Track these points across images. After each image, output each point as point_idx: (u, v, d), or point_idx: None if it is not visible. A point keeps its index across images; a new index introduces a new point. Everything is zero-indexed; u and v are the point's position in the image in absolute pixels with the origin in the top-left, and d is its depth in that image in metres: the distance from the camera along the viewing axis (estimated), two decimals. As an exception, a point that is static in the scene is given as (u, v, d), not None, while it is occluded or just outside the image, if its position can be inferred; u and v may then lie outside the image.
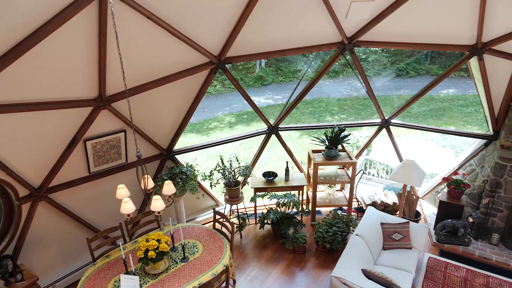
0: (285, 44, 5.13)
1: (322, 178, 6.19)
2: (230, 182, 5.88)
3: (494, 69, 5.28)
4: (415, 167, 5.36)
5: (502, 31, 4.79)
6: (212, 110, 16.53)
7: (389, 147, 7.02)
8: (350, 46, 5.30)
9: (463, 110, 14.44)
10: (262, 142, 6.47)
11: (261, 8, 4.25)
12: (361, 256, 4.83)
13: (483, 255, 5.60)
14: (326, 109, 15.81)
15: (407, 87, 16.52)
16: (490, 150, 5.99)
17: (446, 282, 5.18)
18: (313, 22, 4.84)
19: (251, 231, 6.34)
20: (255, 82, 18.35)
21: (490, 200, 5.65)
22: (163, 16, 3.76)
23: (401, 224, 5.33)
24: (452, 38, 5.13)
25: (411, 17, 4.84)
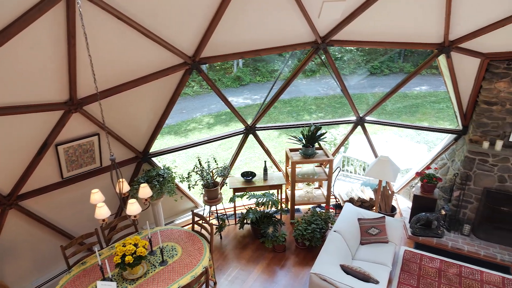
0: (259, 44, 5.15)
1: (300, 177, 6.25)
2: (208, 183, 5.85)
3: (461, 66, 5.47)
4: (389, 163, 5.49)
5: (467, 29, 4.97)
6: (190, 112, 16.40)
7: (365, 144, 7.17)
8: (324, 45, 5.38)
9: (435, 106, 14.90)
10: (240, 142, 6.47)
11: (234, 8, 4.25)
12: (340, 252, 4.91)
13: (456, 245, 5.80)
14: (304, 108, 15.97)
15: (382, 85, 16.91)
16: (460, 145, 6.21)
17: (421, 274, 5.34)
18: (287, 21, 4.88)
19: (231, 231, 6.33)
20: (233, 82, 18.33)
21: (461, 193, 5.86)
22: (134, 16, 3.70)
23: (378, 219, 5.45)
24: (421, 36, 5.28)
25: (381, 17, 4.95)
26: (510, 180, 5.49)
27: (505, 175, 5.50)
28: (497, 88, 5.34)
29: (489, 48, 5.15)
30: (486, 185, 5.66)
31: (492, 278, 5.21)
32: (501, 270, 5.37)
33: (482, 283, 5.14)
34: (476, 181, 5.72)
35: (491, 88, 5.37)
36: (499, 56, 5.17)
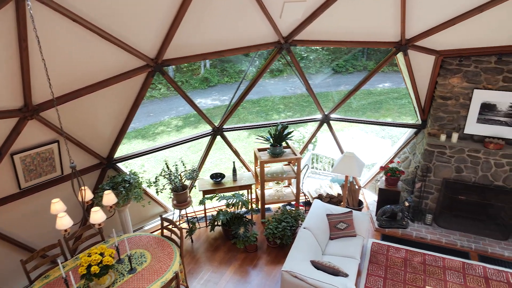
0: (223, 45, 5.13)
1: (269, 176, 6.30)
2: (177, 187, 5.77)
3: (418, 64, 5.72)
4: (354, 158, 5.65)
5: (422, 28, 5.20)
6: (158, 114, 16.10)
7: (333, 141, 7.33)
8: (287, 45, 5.45)
9: (398, 102, 15.48)
10: (208, 144, 6.43)
11: (195, 9, 4.22)
12: (310, 248, 4.99)
13: (420, 235, 6.05)
14: (273, 108, 16.10)
15: (347, 83, 17.35)
16: (420, 138, 6.49)
17: (388, 264, 5.53)
18: (249, 22, 4.90)
19: (202, 234, 6.27)
20: (201, 83, 18.18)
21: (422, 184, 6.13)
22: (90, 18, 3.58)
23: (345, 214, 5.59)
24: (380, 35, 5.47)
25: (341, 17, 5.08)
26: (466, 170, 5.80)
27: (461, 166, 5.81)
28: (451, 84, 5.62)
29: (442, 46, 5.42)
30: (445, 176, 5.95)
31: (453, 264, 5.49)
32: (461, 255, 5.66)
33: (445, 269, 5.40)
34: (435, 173, 6.00)
35: (445, 83, 5.65)
36: (452, 53, 5.45)
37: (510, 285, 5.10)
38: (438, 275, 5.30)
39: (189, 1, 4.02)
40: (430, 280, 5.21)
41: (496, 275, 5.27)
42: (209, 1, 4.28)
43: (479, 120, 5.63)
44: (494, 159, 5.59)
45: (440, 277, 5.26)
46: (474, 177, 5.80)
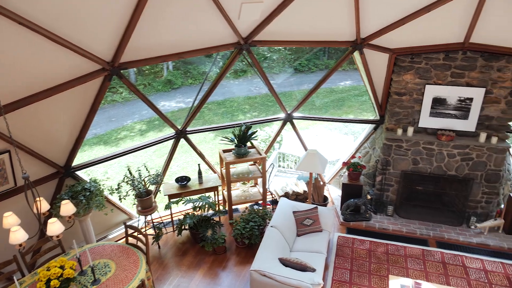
0: (182, 47, 5.08)
1: (235, 176, 6.30)
2: (140, 192, 5.64)
3: (374, 61, 5.95)
4: (317, 155, 5.78)
5: (376, 27, 5.42)
6: (120, 119, 15.64)
7: (297, 139, 7.45)
8: (246, 46, 5.48)
9: (359, 99, 16.00)
10: (171, 147, 6.32)
11: (151, 10, 4.14)
12: (278, 246, 5.05)
13: (382, 226, 6.30)
14: (238, 108, 16.11)
15: (310, 82, 17.70)
16: (378, 133, 6.76)
17: (354, 256, 5.71)
18: (208, 23, 4.88)
19: (170, 239, 6.17)
20: (164, 86, 17.86)
21: (383, 177, 6.38)
22: (39, 21, 3.41)
23: (311, 210, 5.71)
24: (336, 35, 5.63)
25: (298, 17, 5.18)
26: (422, 162, 6.11)
27: (417, 158, 6.10)
28: (404, 80, 5.90)
29: (395, 44, 5.67)
30: (403, 168, 6.23)
31: (414, 252, 5.76)
32: (421, 243, 5.95)
33: (406, 257, 5.65)
34: (394, 165, 6.26)
35: (399, 80, 5.91)
36: (404, 51, 5.71)
37: (465, 268, 5.42)
38: (400, 263, 5.53)
39: (144, 3, 3.94)
40: (393, 268, 5.44)
41: (453, 259, 5.58)
42: (165, 3, 4.22)
43: (432, 114, 5.94)
44: (447, 150, 5.92)
45: (402, 265, 5.50)
46: (429, 168, 6.11)
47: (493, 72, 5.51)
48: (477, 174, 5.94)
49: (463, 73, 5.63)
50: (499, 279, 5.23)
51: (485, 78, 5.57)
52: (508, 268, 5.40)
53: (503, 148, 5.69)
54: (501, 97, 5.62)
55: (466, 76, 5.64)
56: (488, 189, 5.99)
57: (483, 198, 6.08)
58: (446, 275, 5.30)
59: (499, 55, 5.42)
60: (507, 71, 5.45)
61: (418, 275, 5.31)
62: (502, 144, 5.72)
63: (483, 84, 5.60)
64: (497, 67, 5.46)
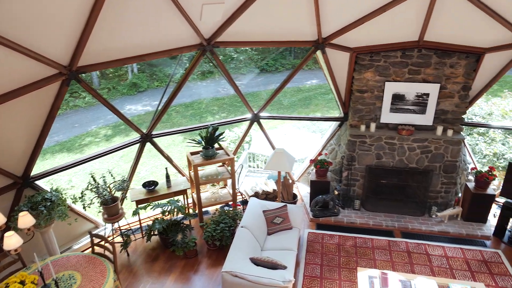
0: (144, 49, 4.97)
1: (204, 179, 6.26)
2: (106, 199, 5.47)
3: (335, 60, 6.11)
4: (284, 154, 5.85)
5: (336, 27, 5.56)
6: (84, 125, 15.11)
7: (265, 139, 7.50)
8: (210, 47, 5.46)
9: (325, 97, 16.34)
10: (137, 152, 6.18)
11: (109, 13, 4.03)
12: (249, 246, 5.06)
13: (350, 220, 6.47)
14: (207, 110, 16.01)
15: (277, 82, 17.89)
16: (343, 130, 6.94)
17: (324, 251, 5.83)
18: (170, 25, 4.81)
19: (139, 246, 6.03)
20: (130, 89, 17.44)
21: (349, 173, 6.56)
22: (-15, 25, 3.24)
23: (280, 208, 5.77)
24: (298, 35, 5.73)
25: (260, 17, 5.22)
26: (385, 156, 6.33)
27: (380, 152, 6.32)
28: (365, 78, 6.09)
29: (355, 43, 5.85)
30: (368, 163, 6.43)
31: (380, 243, 5.96)
32: (386, 234, 6.17)
33: (373, 249, 5.84)
34: (359, 161, 6.45)
35: (361, 78, 6.10)
36: (364, 50, 5.90)
37: (428, 255, 5.68)
38: (368, 255, 5.71)
39: (101, 4, 3.83)
40: (361, 261, 5.60)
41: (417, 248, 5.83)
42: (124, 5, 4.12)
43: (392, 109, 6.18)
44: (407, 144, 6.17)
45: (370, 257, 5.68)
46: (392, 162, 6.35)
47: (446, 69, 5.80)
48: (436, 165, 6.23)
49: (419, 70, 5.90)
50: (459, 264, 5.52)
51: (439, 74, 5.86)
52: (467, 253, 5.71)
53: (458, 140, 6.01)
54: (455, 92, 5.94)
55: (422, 72, 5.90)
56: (446, 179, 6.30)
57: (442, 188, 6.39)
58: (411, 264, 5.52)
59: (451, 52, 5.72)
60: (459, 67, 5.76)
61: (385, 265, 5.50)
62: (457, 136, 6.04)
63: (437, 80, 5.89)
64: (449, 64, 5.76)
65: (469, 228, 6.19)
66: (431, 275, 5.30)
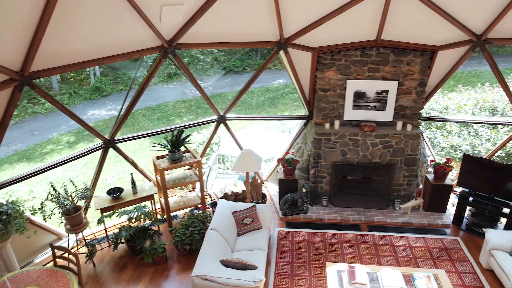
0: (102, 52, 4.82)
1: (172, 183, 6.16)
2: (68, 209, 5.26)
3: (298, 60, 6.20)
4: (251, 154, 5.86)
5: (297, 27, 5.64)
6: (45, 132, 14.46)
7: (239, 140, 7.47)
8: (171, 49, 5.37)
9: (292, 97, 16.54)
10: (100, 158, 5.99)
11: (62, 14, 3.87)
12: (218, 248, 5.03)
13: (319, 216, 6.59)
14: (174, 113, 15.77)
15: (245, 82, 17.90)
16: (309, 128, 7.06)
17: (294, 249, 5.90)
18: (128, 27, 4.69)
19: (106, 255, 5.84)
20: (93, 94, 16.87)
21: (316, 170, 6.68)
22: None
23: (249, 209, 5.78)
24: (261, 35, 5.76)
25: (222, 18, 5.19)
26: (350, 153, 6.50)
27: (345, 149, 6.49)
28: (328, 77, 6.23)
29: (316, 43, 5.96)
30: (333, 160, 6.58)
31: (348, 237, 6.11)
32: (354, 229, 6.34)
33: (342, 243, 5.98)
34: (325, 158, 6.59)
35: (323, 77, 6.23)
36: (325, 49, 6.03)
37: (393, 246, 5.89)
38: (337, 250, 5.84)
39: (53, 5, 3.67)
40: (330, 256, 5.72)
41: (382, 240, 6.03)
42: (78, 6, 3.97)
43: (354, 107, 6.36)
44: (370, 140, 6.37)
45: (339, 251, 5.81)
46: (356, 158, 6.53)
47: (403, 66, 6.04)
48: (397, 159, 6.48)
49: (378, 68, 6.10)
50: (422, 253, 5.76)
51: (397, 71, 6.09)
52: (429, 242, 5.98)
53: (417, 134, 6.28)
54: (412, 88, 6.19)
55: (381, 70, 6.11)
56: (408, 172, 6.57)
57: (404, 181, 6.65)
58: (377, 256, 5.71)
59: (407, 50, 5.96)
60: (415, 65, 6.01)
61: (353, 259, 5.65)
62: (416, 131, 6.31)
63: (395, 77, 6.13)
64: (406, 61, 6.01)
65: (430, 218, 6.48)
66: (397, 265, 5.50)
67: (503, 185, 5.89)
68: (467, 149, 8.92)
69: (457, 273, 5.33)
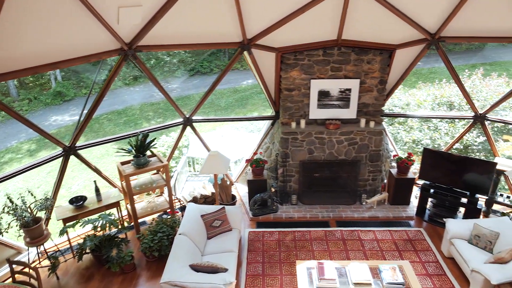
0: (57, 56, 4.62)
1: (138, 188, 6.01)
2: (26, 221, 5.01)
3: (263, 61, 6.22)
4: (218, 156, 5.83)
5: (260, 28, 5.66)
6: (3, 140, 13.74)
7: (208, 142, 7.40)
8: (131, 51, 5.24)
9: (261, 97, 16.62)
10: (60, 166, 5.74)
11: (10, 16, 3.68)
12: (188, 253, 4.96)
13: (288, 215, 6.65)
14: (141, 116, 15.42)
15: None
16: (276, 128, 7.11)
17: (265, 249, 5.92)
18: (85, 30, 4.53)
19: (70, 267, 5.61)
20: (54, 99, 16.19)
21: (284, 169, 6.73)
22: None
23: (219, 211, 5.74)
24: (224, 36, 5.74)
25: (183, 20, 5.12)
26: (316, 151, 6.61)
27: (312, 147, 6.58)
28: (292, 76, 6.30)
29: (279, 43, 6.01)
30: (301, 159, 6.66)
31: (317, 234, 6.21)
32: (323, 225, 6.44)
33: (311, 240, 6.07)
34: (293, 157, 6.66)
35: (287, 76, 6.29)
36: (288, 49, 6.09)
37: (361, 241, 6.04)
38: (307, 247, 5.91)
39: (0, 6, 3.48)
40: (300, 253, 5.79)
41: (351, 235, 6.17)
42: (28, 7, 3.79)
43: (319, 105, 6.46)
44: (335, 138, 6.50)
45: (309, 249, 5.89)
46: (323, 156, 6.64)
47: (364, 65, 6.21)
48: (362, 155, 6.65)
49: (340, 67, 6.24)
50: (388, 245, 5.95)
51: (358, 70, 6.25)
52: (394, 234, 6.18)
53: (380, 131, 6.47)
54: (373, 86, 6.38)
55: (343, 69, 6.26)
56: (372, 167, 6.76)
57: (370, 176, 6.84)
58: (346, 251, 5.83)
59: (367, 49, 6.13)
60: (375, 63, 6.20)
61: (322, 255, 5.74)
62: (379, 127, 6.51)
63: (357, 75, 6.29)
64: (366, 60, 6.18)
65: (395, 211, 6.71)
66: (364, 259, 5.65)
67: (461, 177, 6.19)
68: (427, 143, 9.31)
69: (421, 263, 5.55)
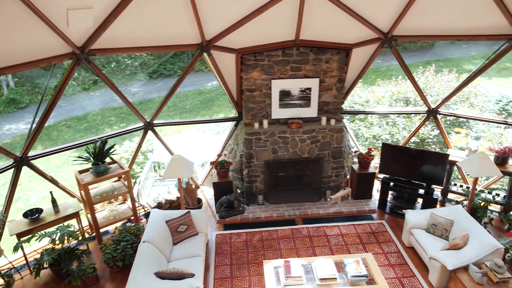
0: (4, 61, 4.37)
1: (99, 197, 5.80)
2: (-25, 239, 4.69)
3: (223, 62, 6.20)
4: (181, 160, 5.73)
5: (218, 29, 5.63)
6: (-50, 153, 12.75)
7: (173, 146, 7.26)
8: (84, 55, 5.04)
9: (227, 98, 16.55)
10: (12, 178, 5.43)
11: None
12: (153, 260, 4.84)
13: (255, 215, 6.67)
14: (103, 122, 14.91)
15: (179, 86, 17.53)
16: (239, 129, 7.10)
17: (233, 251, 5.90)
18: (32, 33, 4.30)
19: (27, 284, 5.31)
20: (7, 106, 15.32)
21: (249, 170, 6.74)
22: None
23: (184, 216, 5.65)
24: (182, 38, 5.65)
25: (139, 22, 4.99)
26: (280, 150, 6.67)
27: (276, 147, 6.64)
28: (253, 77, 6.32)
29: (239, 44, 6.01)
30: (265, 158, 6.70)
31: (285, 233, 6.27)
32: (289, 223, 6.51)
33: (279, 239, 6.12)
34: (257, 157, 6.68)
35: (248, 77, 6.31)
36: (248, 50, 6.10)
37: (327, 236, 6.17)
38: (274, 247, 5.95)
39: None
40: (268, 253, 5.82)
41: (316, 232, 6.28)
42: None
43: (281, 105, 6.53)
44: (298, 136, 6.59)
45: (276, 248, 5.93)
46: (287, 155, 6.72)
47: (322, 64, 6.34)
48: (325, 153, 6.79)
49: (300, 67, 6.33)
50: (353, 239, 6.11)
51: (317, 69, 6.37)
52: (358, 228, 6.36)
53: (340, 128, 6.63)
54: (332, 85, 6.53)
55: (303, 69, 6.36)
56: (335, 164, 6.92)
57: (333, 172, 7.00)
58: (312, 247, 5.93)
59: (325, 49, 6.27)
60: (333, 62, 6.35)
61: (290, 253, 5.80)
62: (339, 125, 6.67)
63: (316, 75, 6.41)
64: (325, 60, 6.31)
65: (358, 205, 6.91)
66: (330, 254, 5.77)
67: (418, 169, 6.48)
68: (387, 138, 9.66)
69: (384, 254, 5.74)
